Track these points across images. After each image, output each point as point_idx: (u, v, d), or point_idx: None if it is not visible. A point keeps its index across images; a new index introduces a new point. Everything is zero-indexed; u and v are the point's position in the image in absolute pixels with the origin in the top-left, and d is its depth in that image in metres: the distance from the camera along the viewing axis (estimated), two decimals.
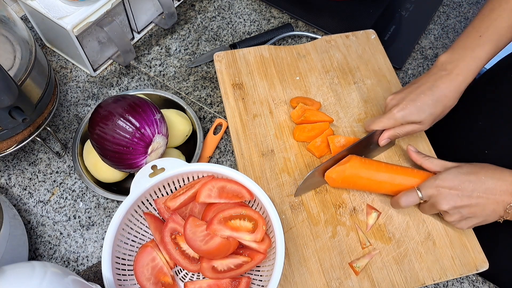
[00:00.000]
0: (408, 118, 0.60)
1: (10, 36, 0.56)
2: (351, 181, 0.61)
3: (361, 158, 0.61)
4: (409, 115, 0.60)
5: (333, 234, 0.61)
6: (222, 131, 0.72)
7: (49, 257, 0.62)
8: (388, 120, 0.61)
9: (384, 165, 0.61)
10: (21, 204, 0.65)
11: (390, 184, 0.60)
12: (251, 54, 0.76)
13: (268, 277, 0.51)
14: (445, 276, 0.59)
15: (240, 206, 0.54)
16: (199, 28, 0.85)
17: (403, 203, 0.59)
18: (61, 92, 0.75)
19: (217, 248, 0.51)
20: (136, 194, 0.54)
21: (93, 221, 0.64)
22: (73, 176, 0.68)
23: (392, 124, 0.62)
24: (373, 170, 0.60)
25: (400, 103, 0.61)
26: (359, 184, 0.61)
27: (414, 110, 0.59)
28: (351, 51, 0.78)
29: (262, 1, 0.89)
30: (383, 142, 0.64)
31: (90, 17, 0.66)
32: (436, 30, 0.88)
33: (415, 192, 0.58)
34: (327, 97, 0.73)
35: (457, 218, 0.57)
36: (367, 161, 0.61)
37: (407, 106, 0.60)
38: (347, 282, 0.58)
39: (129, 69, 0.79)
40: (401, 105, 0.60)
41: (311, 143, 0.67)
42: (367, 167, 0.60)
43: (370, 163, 0.61)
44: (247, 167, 0.66)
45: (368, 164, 0.61)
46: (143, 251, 0.55)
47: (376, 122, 0.63)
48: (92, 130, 0.57)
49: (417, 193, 0.58)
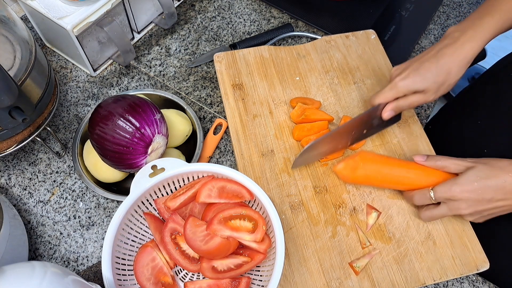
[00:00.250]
0: (411, 87, 0.58)
1: (10, 36, 0.56)
2: (365, 178, 0.60)
3: (373, 154, 0.60)
4: (412, 84, 0.58)
5: (333, 234, 0.61)
6: (222, 131, 0.72)
7: (49, 257, 0.62)
8: (391, 91, 0.60)
9: (395, 160, 0.61)
10: (21, 204, 0.65)
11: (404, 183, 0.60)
12: (251, 54, 0.76)
13: (268, 277, 0.51)
14: (446, 276, 0.59)
15: (240, 206, 0.54)
16: (199, 28, 0.85)
17: (417, 202, 0.59)
18: (61, 92, 0.75)
19: (217, 248, 0.51)
20: (136, 194, 0.54)
21: (93, 221, 0.64)
22: (73, 176, 0.68)
23: (395, 94, 0.60)
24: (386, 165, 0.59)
25: (403, 72, 0.59)
26: (375, 181, 0.61)
27: (417, 78, 0.58)
28: (351, 51, 0.78)
29: (262, 1, 0.89)
30: (387, 115, 0.62)
31: (90, 17, 0.66)
32: (436, 30, 0.88)
33: (428, 194, 0.57)
34: (327, 97, 0.73)
35: (477, 218, 0.57)
36: (378, 157, 0.60)
37: (410, 74, 0.58)
38: (347, 282, 0.58)
39: (129, 69, 0.79)
40: (403, 74, 0.59)
41: (304, 139, 0.66)
42: (380, 162, 0.59)
43: (381, 159, 0.60)
44: (247, 167, 0.65)
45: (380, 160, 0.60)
46: (143, 251, 0.55)
47: (379, 95, 0.61)
48: (92, 130, 0.57)
49: (430, 196, 0.57)
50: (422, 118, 0.77)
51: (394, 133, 0.69)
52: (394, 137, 0.69)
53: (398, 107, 0.61)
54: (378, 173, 0.60)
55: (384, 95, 0.61)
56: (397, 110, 0.62)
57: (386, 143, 0.69)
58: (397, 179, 0.60)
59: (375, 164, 0.59)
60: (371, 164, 0.59)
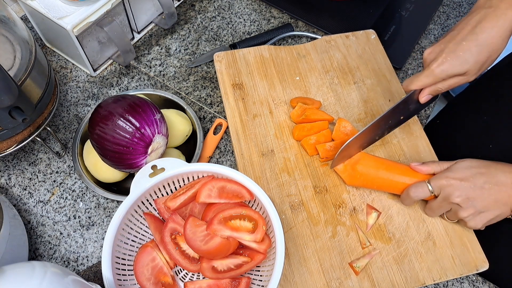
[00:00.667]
0: (450, 71, 0.53)
1: (10, 36, 0.56)
2: (366, 179, 0.61)
3: (373, 156, 0.61)
4: (450, 69, 0.53)
5: (333, 234, 0.61)
6: (222, 131, 0.72)
7: (49, 257, 0.62)
8: (427, 78, 0.55)
9: (395, 164, 0.61)
10: (21, 204, 0.65)
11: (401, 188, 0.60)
12: (251, 54, 0.76)
13: (268, 277, 0.51)
14: (445, 276, 0.59)
15: (240, 206, 0.54)
16: (199, 28, 0.85)
17: (413, 193, 0.58)
18: (61, 92, 0.75)
19: (217, 248, 0.51)
20: (136, 194, 0.54)
21: (93, 221, 0.64)
22: (73, 176, 0.68)
23: (432, 81, 0.55)
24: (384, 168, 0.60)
25: (439, 57, 0.53)
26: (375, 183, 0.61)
27: (456, 62, 0.52)
28: (351, 51, 0.78)
29: (262, 1, 0.89)
30: (425, 99, 0.58)
31: (90, 17, 0.66)
32: (436, 30, 0.88)
33: (425, 184, 0.57)
34: (327, 97, 0.73)
35: (471, 212, 0.55)
36: (380, 160, 0.61)
37: (447, 58, 0.52)
38: (347, 282, 0.58)
39: (129, 69, 0.79)
40: (440, 58, 0.53)
41: (304, 139, 0.66)
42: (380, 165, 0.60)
43: (383, 161, 0.61)
44: (247, 167, 0.65)
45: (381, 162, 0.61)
46: (143, 251, 0.55)
47: (414, 81, 0.56)
48: (92, 130, 0.57)
49: (427, 186, 0.57)
50: (422, 118, 0.77)
51: (394, 133, 0.69)
52: (394, 137, 0.69)
53: (436, 90, 0.56)
54: (376, 176, 0.61)
55: (421, 82, 0.55)
56: (435, 94, 0.58)
57: (386, 143, 0.69)
58: (395, 184, 0.61)
59: (373, 167, 0.60)
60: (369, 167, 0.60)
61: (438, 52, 0.54)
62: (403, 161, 0.67)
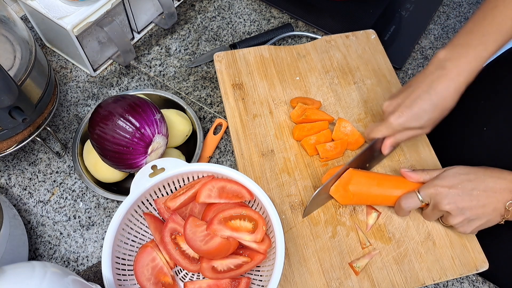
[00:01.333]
0: (406, 125, 0.58)
1: (10, 36, 0.56)
2: (359, 197, 0.60)
3: (364, 173, 0.61)
4: (406, 123, 0.57)
5: (333, 234, 0.61)
6: (222, 131, 0.72)
7: (49, 257, 0.62)
8: (387, 129, 0.59)
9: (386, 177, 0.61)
10: (21, 204, 0.65)
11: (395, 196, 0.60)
12: (251, 54, 0.76)
13: (268, 277, 0.51)
14: (445, 276, 0.59)
15: (240, 206, 0.54)
16: (199, 28, 0.85)
17: (404, 204, 0.58)
18: (61, 92, 0.75)
19: (217, 248, 0.51)
20: (136, 194, 0.54)
21: (93, 221, 0.64)
22: (73, 176, 0.68)
23: (391, 132, 0.60)
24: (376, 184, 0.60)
25: (396, 110, 0.58)
26: (369, 200, 0.61)
27: (411, 117, 0.56)
28: (351, 51, 0.78)
29: (262, 1, 0.89)
30: (387, 151, 0.62)
31: (90, 17, 0.66)
32: (436, 30, 0.88)
33: (414, 194, 0.58)
34: (327, 97, 0.73)
35: (460, 219, 0.56)
36: (371, 175, 0.61)
37: (404, 113, 0.57)
38: (347, 282, 0.58)
39: (129, 69, 0.79)
40: (397, 112, 0.57)
41: (304, 139, 0.66)
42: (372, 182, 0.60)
43: (374, 176, 0.61)
44: (247, 167, 0.66)
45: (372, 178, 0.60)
46: (143, 251, 0.55)
47: (374, 130, 0.61)
48: (92, 130, 0.57)
49: (417, 195, 0.58)
50: None
51: None
52: None
53: (396, 142, 0.61)
54: (369, 193, 0.60)
55: (381, 132, 0.60)
56: (396, 145, 0.62)
57: None
58: (389, 198, 0.60)
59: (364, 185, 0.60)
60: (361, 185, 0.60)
61: (395, 106, 0.58)
62: (402, 160, 0.67)
